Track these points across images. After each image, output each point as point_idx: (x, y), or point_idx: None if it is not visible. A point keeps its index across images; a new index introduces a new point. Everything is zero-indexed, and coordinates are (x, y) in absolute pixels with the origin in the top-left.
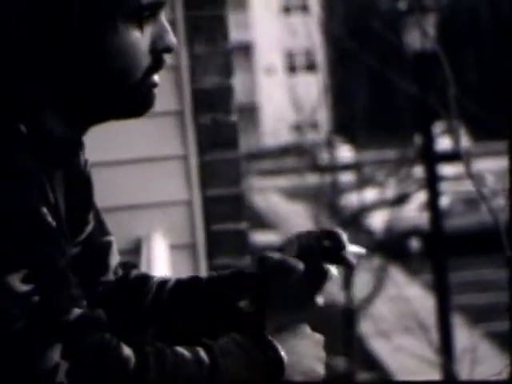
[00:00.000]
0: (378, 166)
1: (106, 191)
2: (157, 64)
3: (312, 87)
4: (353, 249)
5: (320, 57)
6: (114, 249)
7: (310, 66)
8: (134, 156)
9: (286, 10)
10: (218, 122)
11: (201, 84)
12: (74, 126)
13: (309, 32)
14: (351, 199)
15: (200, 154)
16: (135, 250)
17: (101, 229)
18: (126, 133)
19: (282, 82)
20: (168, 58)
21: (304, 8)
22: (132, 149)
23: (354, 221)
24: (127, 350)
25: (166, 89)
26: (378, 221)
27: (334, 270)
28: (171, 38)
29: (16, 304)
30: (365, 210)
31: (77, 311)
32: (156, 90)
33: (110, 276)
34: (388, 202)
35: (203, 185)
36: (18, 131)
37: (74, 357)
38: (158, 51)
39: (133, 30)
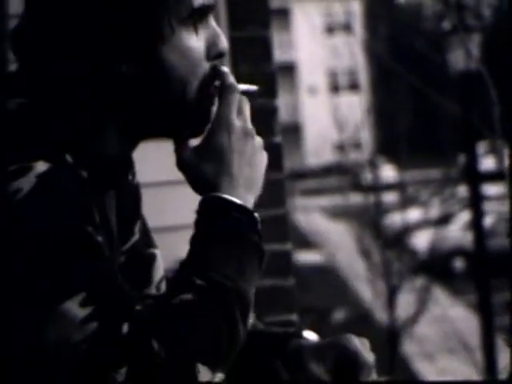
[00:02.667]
0: (422, 186)
1: (151, 211)
2: (214, 72)
3: (355, 107)
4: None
5: (363, 77)
6: (159, 263)
7: (353, 86)
8: (181, 177)
9: (330, 30)
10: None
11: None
12: (127, 143)
13: (352, 52)
14: (395, 219)
15: None
16: None
17: (146, 241)
18: (169, 154)
19: (325, 102)
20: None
21: (347, 28)
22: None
23: (398, 241)
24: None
25: None
26: (421, 241)
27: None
28: (223, 43)
29: (76, 331)
30: (408, 229)
31: (127, 325)
32: (213, 106)
33: (153, 290)
34: (432, 222)
35: None
36: (62, 161)
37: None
38: (212, 57)
39: (189, 35)
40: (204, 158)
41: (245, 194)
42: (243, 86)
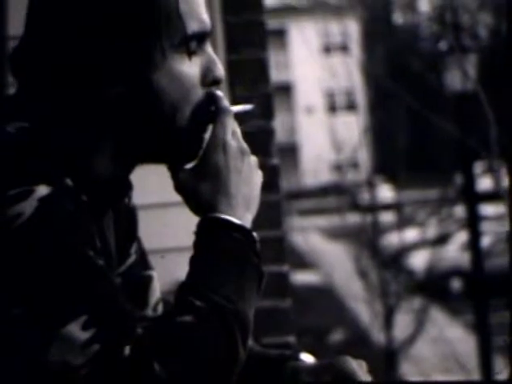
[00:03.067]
0: (419, 206)
1: (155, 233)
2: (209, 98)
3: (352, 127)
4: None
5: (360, 97)
6: (155, 285)
7: (350, 106)
8: (179, 198)
9: (326, 50)
10: (259, 165)
11: (242, 127)
12: (122, 166)
13: (349, 72)
14: (392, 239)
15: None
16: None
17: (142, 263)
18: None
19: (322, 122)
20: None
21: (344, 48)
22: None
23: (395, 261)
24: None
25: None
26: (418, 261)
27: None
28: (220, 70)
29: (78, 354)
30: (405, 249)
31: (128, 348)
32: (202, 141)
33: (149, 312)
34: (429, 242)
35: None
36: (63, 184)
37: None
38: (208, 83)
39: (182, 61)
40: (201, 179)
41: (243, 213)
42: (238, 108)
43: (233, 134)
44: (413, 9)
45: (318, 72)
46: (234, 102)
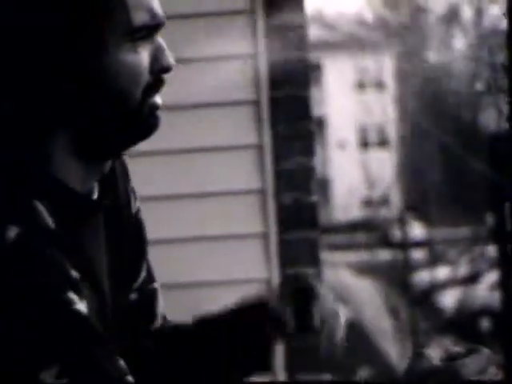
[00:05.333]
0: (450, 244)
1: (183, 267)
2: (156, 83)
3: (384, 163)
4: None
5: (393, 133)
6: (160, 296)
7: (383, 142)
8: (214, 233)
9: (361, 85)
10: (299, 202)
11: (283, 164)
12: (87, 163)
13: (383, 108)
14: (422, 277)
15: (280, 233)
16: None
17: (149, 276)
18: (205, 210)
19: (355, 157)
20: (251, 136)
21: (379, 84)
22: (213, 226)
23: (425, 299)
24: None
25: (248, 168)
26: (449, 299)
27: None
28: (168, 59)
29: None
30: (436, 287)
31: None
32: (159, 112)
33: (158, 323)
34: (459, 281)
35: (282, 263)
36: (32, 219)
37: None
38: (156, 72)
39: (129, 50)
40: None
41: None
42: None
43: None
44: (448, 46)
45: (352, 107)
46: (276, 138)
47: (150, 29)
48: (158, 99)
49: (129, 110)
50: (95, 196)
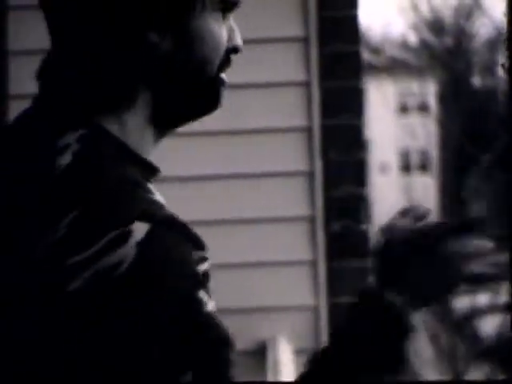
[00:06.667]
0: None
1: (235, 293)
2: (226, 61)
3: (426, 187)
4: None
5: (436, 157)
6: None
7: (425, 166)
8: (264, 259)
9: (404, 109)
10: (348, 230)
11: (334, 191)
12: (157, 131)
13: (426, 132)
14: (463, 302)
15: (328, 261)
16: (259, 351)
17: None
18: (255, 236)
19: (396, 181)
20: (302, 163)
21: (422, 108)
22: (263, 252)
23: (465, 325)
24: None
25: (299, 195)
26: (489, 326)
27: None
28: (239, 40)
29: None
30: (476, 314)
31: None
32: (224, 89)
33: None
34: (500, 307)
35: (331, 292)
36: (162, 214)
37: None
38: (229, 50)
39: (216, 20)
40: None
41: None
42: None
43: None
44: (492, 71)
45: (395, 130)
46: (327, 166)
47: (231, 5)
48: (225, 77)
49: (207, 78)
50: None
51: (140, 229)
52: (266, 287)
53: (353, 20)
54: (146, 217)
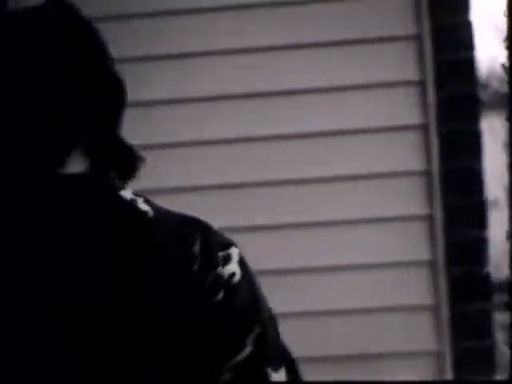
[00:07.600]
0: None
1: (356, 340)
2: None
3: None
4: None
5: None
6: None
7: None
8: (385, 304)
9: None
10: (470, 274)
11: (454, 234)
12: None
13: None
14: None
15: (451, 305)
16: None
17: None
18: (376, 280)
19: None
20: (422, 207)
21: None
22: (386, 298)
23: None
24: None
25: (419, 238)
26: None
27: None
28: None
29: None
30: None
31: None
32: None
33: None
34: None
35: (455, 335)
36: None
37: None
38: None
39: None
40: None
41: None
42: None
43: None
44: None
45: (504, 165)
46: (448, 209)
47: None
48: None
49: None
50: None
51: (235, 252)
52: (388, 333)
53: (469, 62)
54: (233, 243)
